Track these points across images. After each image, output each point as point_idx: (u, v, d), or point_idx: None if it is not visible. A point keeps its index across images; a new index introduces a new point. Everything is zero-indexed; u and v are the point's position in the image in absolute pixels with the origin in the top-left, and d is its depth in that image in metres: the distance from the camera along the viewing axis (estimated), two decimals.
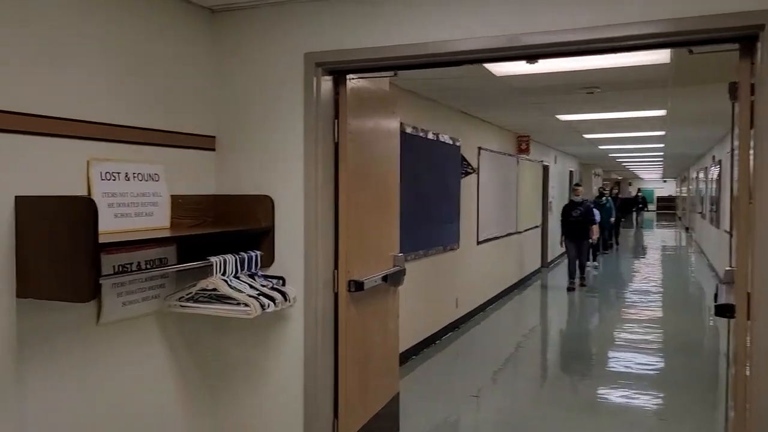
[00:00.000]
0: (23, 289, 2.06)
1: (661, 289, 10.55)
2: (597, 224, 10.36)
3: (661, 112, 7.24)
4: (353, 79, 3.21)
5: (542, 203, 12.36)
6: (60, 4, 2.30)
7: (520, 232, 10.29)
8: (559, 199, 13.74)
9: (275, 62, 3.01)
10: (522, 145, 10.00)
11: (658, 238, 22.35)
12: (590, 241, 10.07)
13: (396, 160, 3.92)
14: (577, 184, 10.58)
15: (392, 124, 3.84)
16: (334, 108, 3.15)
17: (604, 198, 14.13)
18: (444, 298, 6.82)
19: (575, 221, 9.88)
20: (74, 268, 1.95)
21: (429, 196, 6.24)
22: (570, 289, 9.89)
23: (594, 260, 12.39)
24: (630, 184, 42.69)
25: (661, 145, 12.77)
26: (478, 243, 8.03)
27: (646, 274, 12.35)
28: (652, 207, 40.36)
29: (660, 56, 4.22)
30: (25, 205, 2.04)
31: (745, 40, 2.41)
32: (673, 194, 39.34)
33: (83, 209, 1.96)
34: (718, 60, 2.48)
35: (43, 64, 2.22)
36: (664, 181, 40.68)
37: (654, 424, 4.29)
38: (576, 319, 8.37)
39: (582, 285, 10.09)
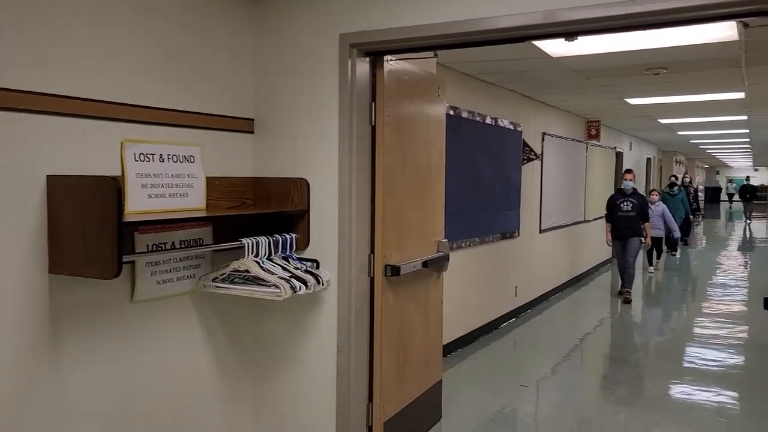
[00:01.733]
0: (55, 264, 2.16)
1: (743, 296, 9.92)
2: (672, 219, 9.88)
3: (740, 95, 6.76)
4: (391, 60, 3.17)
5: (615, 190, 11.87)
6: None
7: (588, 221, 9.94)
8: (635, 186, 13.13)
9: (310, 43, 3.01)
10: (591, 131, 9.63)
11: (746, 230, 21.04)
12: (642, 242, 8.06)
13: (441, 145, 3.85)
14: (628, 170, 8.53)
15: (437, 107, 3.77)
16: (371, 90, 3.11)
17: (676, 188, 12.81)
18: (502, 286, 6.69)
19: (625, 216, 7.98)
20: (98, 246, 2.03)
21: (486, 182, 6.11)
22: (625, 301, 8.03)
23: (651, 264, 10.80)
24: (717, 173, 40.41)
25: (746, 131, 11.96)
26: (541, 231, 7.81)
27: (721, 275, 10.70)
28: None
29: (727, 33, 3.93)
30: (55, 184, 2.13)
31: None
32: (766, 183, 36.90)
33: (107, 188, 2.02)
34: None
35: (83, 52, 2.31)
36: (756, 170, 38.23)
37: (715, 424, 4.05)
38: (644, 313, 8.01)
39: (626, 300, 8.02)
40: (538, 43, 4.20)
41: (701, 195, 26.75)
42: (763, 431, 3.94)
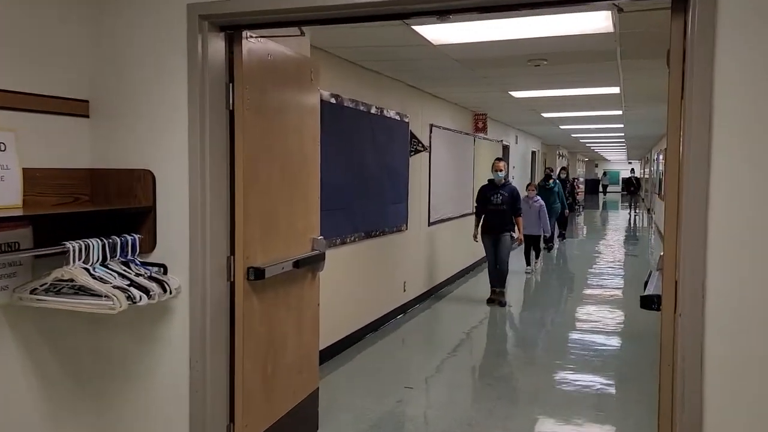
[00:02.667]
0: None
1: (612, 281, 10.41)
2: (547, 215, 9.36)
3: (615, 90, 6.97)
4: (252, 37, 2.82)
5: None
6: None
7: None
8: (520, 179, 13.49)
9: (155, 14, 2.60)
10: (479, 124, 9.69)
11: (619, 219, 22.40)
12: (513, 238, 7.26)
13: (316, 133, 3.54)
14: (499, 159, 7.62)
15: (311, 92, 3.46)
16: (228, 71, 2.76)
17: (551, 181, 12.18)
18: (390, 281, 6.51)
19: (496, 210, 7.18)
20: None
21: (372, 175, 5.89)
22: (499, 304, 7.34)
23: (529, 264, 9.86)
24: (596, 166, 42.96)
25: (621, 126, 12.59)
26: (430, 224, 7.72)
27: (600, 267, 10.72)
28: (617, 188, 40.71)
29: (603, 24, 3.90)
30: None
31: None
32: (638, 176, 39.72)
33: None
34: (664, 32, 2.17)
35: None
36: (629, 163, 41.05)
37: (593, 415, 4.05)
38: (534, 303, 8.15)
39: (500, 303, 7.33)
40: (417, 28, 3.99)
41: (582, 187, 28.26)
42: (639, 419, 3.98)
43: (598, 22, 3.88)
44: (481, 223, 7.34)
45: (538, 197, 9.58)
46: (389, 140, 6.28)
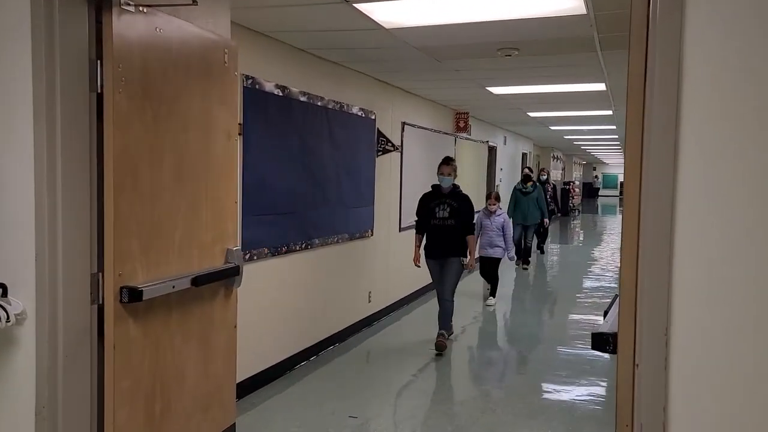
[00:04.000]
0: None
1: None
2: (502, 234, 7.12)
3: (600, 86, 6.45)
4: (131, 5, 2.30)
5: (487, 187, 11.57)
6: None
7: None
8: (508, 182, 12.97)
9: None
10: (460, 123, 9.16)
11: (615, 223, 21.89)
12: (464, 264, 5.56)
13: (231, 128, 3.01)
14: (446, 160, 5.78)
15: (223, 79, 2.93)
16: (97, 44, 2.24)
17: (530, 184, 10.27)
18: (353, 292, 5.98)
19: (441, 227, 5.49)
20: None
21: (329, 176, 5.36)
22: (438, 349, 5.44)
23: (492, 294, 7.56)
24: (594, 169, 42.45)
25: (614, 127, 12.08)
26: (401, 230, 7.18)
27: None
28: (614, 192, 40.24)
29: (573, 4, 3.38)
30: None
31: None
32: None
33: None
34: None
35: None
36: None
37: None
38: (511, 316, 7.62)
39: (438, 351, 5.42)
40: (361, 6, 3.47)
41: (578, 191, 27.68)
42: None
43: (568, 1, 3.36)
44: (423, 243, 5.68)
45: (502, 210, 7.46)
46: (351, 139, 5.75)
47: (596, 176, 41.14)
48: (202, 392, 2.85)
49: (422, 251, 5.71)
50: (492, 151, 11.85)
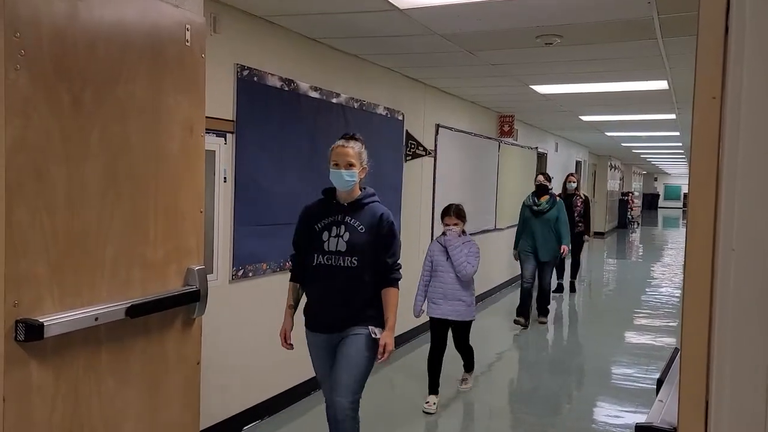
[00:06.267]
0: None
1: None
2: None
3: (662, 84, 5.67)
4: None
5: None
6: None
7: (500, 230, 8.78)
8: (560, 191, 12.09)
9: None
10: (504, 127, 8.47)
11: (679, 236, 20.55)
12: (374, 336, 2.85)
13: (195, 121, 2.47)
14: (347, 136, 3.05)
15: (184, 62, 2.40)
16: None
17: (545, 200, 6.72)
18: None
19: (335, 269, 2.85)
20: None
21: None
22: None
23: (467, 370, 4.79)
24: (656, 179, 40.57)
25: (677, 134, 11.08)
26: (433, 240, 6.53)
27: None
28: (678, 204, 38.41)
29: None
30: None
31: None
32: None
33: None
34: None
35: None
36: None
37: None
38: (551, 338, 6.86)
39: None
40: None
41: (637, 203, 26.17)
42: None
43: None
44: (301, 297, 3.10)
45: (469, 237, 4.41)
46: (373, 141, 5.13)
47: (656, 186, 39.40)
48: None
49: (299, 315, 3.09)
50: (542, 158, 11.07)
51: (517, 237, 6.93)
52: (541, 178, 6.98)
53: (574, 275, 9.07)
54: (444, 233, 4.40)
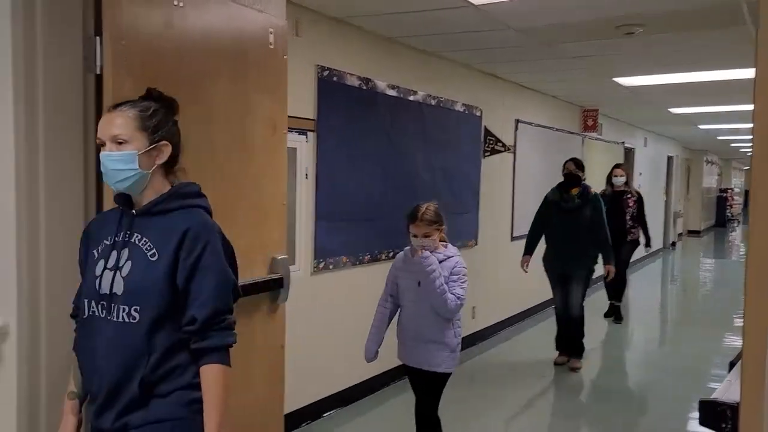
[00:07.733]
0: None
1: None
2: None
3: (751, 73, 5.37)
4: None
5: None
6: None
7: None
8: (649, 188, 11.62)
9: None
10: (588, 121, 8.27)
11: None
12: None
13: (278, 119, 2.63)
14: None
15: (267, 64, 2.56)
16: (95, 16, 1.95)
17: (574, 192, 5.07)
18: None
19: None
20: None
21: (422, 178, 4.86)
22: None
23: None
24: None
25: None
26: (513, 239, 6.51)
27: None
28: None
29: None
30: None
31: None
32: None
33: None
34: None
35: None
36: None
37: None
38: (644, 338, 6.64)
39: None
40: None
41: (738, 199, 24.62)
42: None
43: None
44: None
45: (454, 252, 3.06)
46: (451, 138, 5.22)
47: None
48: (236, 423, 2.48)
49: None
50: (629, 153, 10.70)
51: (530, 240, 5.29)
52: (570, 165, 5.19)
53: (618, 296, 6.83)
54: (413, 250, 2.99)
